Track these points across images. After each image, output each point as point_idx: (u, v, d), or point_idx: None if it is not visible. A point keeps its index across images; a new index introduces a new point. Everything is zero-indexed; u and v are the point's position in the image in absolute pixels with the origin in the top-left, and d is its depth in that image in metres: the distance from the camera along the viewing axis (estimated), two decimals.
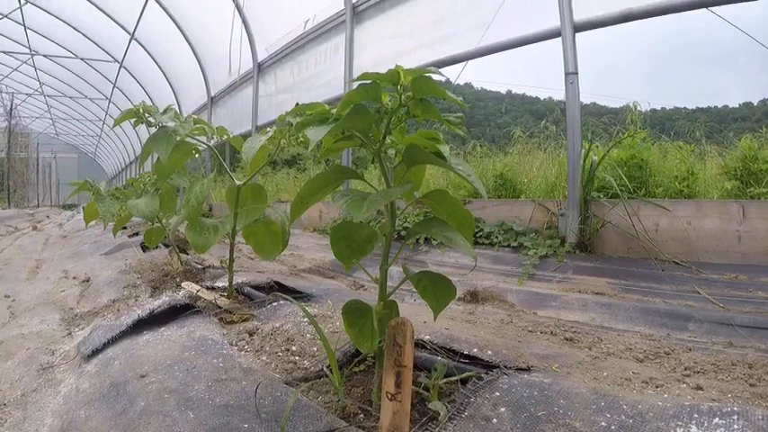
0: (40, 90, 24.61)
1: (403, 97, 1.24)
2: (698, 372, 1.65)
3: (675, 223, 3.60)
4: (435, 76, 1.21)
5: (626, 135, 4.41)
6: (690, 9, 3.74)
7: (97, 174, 36.30)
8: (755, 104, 27.82)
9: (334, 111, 1.31)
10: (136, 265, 3.86)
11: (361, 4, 6.88)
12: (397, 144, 1.39)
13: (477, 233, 4.50)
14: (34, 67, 20.68)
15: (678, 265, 3.42)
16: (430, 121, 1.35)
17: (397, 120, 1.30)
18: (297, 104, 1.50)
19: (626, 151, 4.26)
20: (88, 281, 3.79)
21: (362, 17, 6.94)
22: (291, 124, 1.64)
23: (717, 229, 3.44)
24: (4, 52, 18.42)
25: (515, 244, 4.25)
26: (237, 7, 9.43)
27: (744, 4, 3.48)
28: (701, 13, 3.68)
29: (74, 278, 4.03)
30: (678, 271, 3.33)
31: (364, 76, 1.20)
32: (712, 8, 3.62)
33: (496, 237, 4.40)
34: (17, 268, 4.88)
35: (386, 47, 6.58)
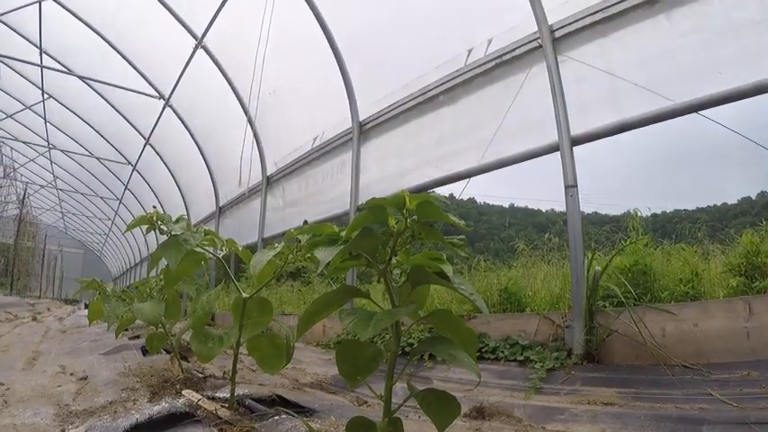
0: (53, 183, 25.14)
1: (408, 221, 1.30)
2: None
3: (682, 326, 3.55)
4: (438, 201, 1.28)
5: (628, 242, 4.46)
6: (680, 115, 3.91)
7: (101, 272, 36.40)
8: (754, 198, 28.18)
9: (342, 232, 1.37)
10: (136, 369, 3.79)
11: (368, 123, 7.19)
12: (402, 264, 1.43)
13: (482, 348, 4.44)
14: (50, 160, 21.19)
15: (688, 368, 3.33)
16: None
17: (403, 242, 1.35)
18: (305, 222, 1.57)
19: (629, 258, 4.29)
20: (86, 379, 3.70)
21: (369, 135, 7.25)
22: (299, 241, 1.69)
23: (724, 328, 3.38)
24: (23, 142, 19.00)
25: (521, 358, 4.18)
26: (249, 121, 9.86)
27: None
28: (692, 116, 3.86)
29: (71, 374, 3.93)
30: (688, 374, 3.25)
31: (372, 201, 1.27)
32: (701, 112, 3.80)
33: (502, 351, 4.34)
34: (14, 357, 4.79)
35: (391, 165, 6.81)
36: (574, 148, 4.36)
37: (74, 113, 15.43)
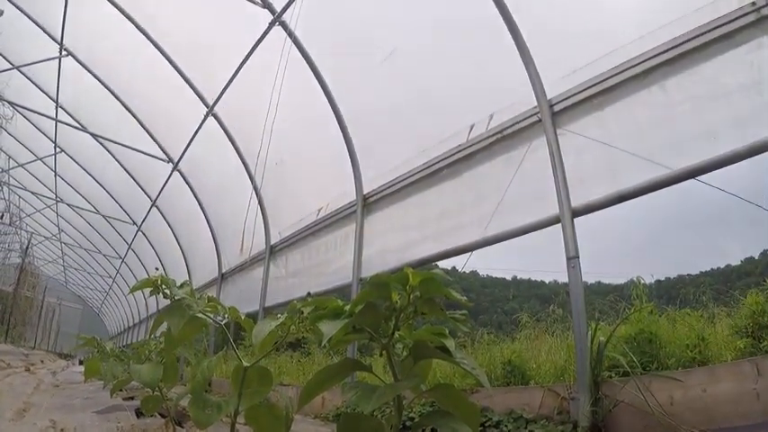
0: (57, 236, 25.26)
1: (411, 297, 1.32)
2: None
3: (690, 393, 3.47)
4: (440, 277, 1.30)
5: (633, 311, 4.42)
6: (677, 182, 3.97)
7: (99, 329, 35.93)
8: (757, 258, 27.84)
9: (346, 307, 1.38)
10: (129, 430, 3.71)
11: (372, 196, 7.29)
12: (404, 338, 1.44)
13: (485, 422, 4.32)
14: (57, 212, 21.33)
15: None
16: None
17: (405, 317, 1.36)
18: (308, 294, 1.58)
19: (634, 326, 4.24)
20: None
21: (372, 208, 7.34)
22: (302, 313, 1.70)
23: (733, 392, 3.30)
24: (32, 192, 19.18)
25: None
26: (255, 189, 9.95)
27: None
28: (690, 181, 3.91)
29: (61, 430, 3.84)
30: None
31: (376, 278, 1.29)
32: (699, 177, 3.84)
33: (506, 426, 4.22)
34: (3, 407, 4.66)
35: (394, 238, 6.86)
36: (575, 220, 4.40)
37: (84, 169, 15.62)
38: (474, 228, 5.53)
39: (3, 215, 22.02)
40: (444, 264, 6.31)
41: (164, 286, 2.43)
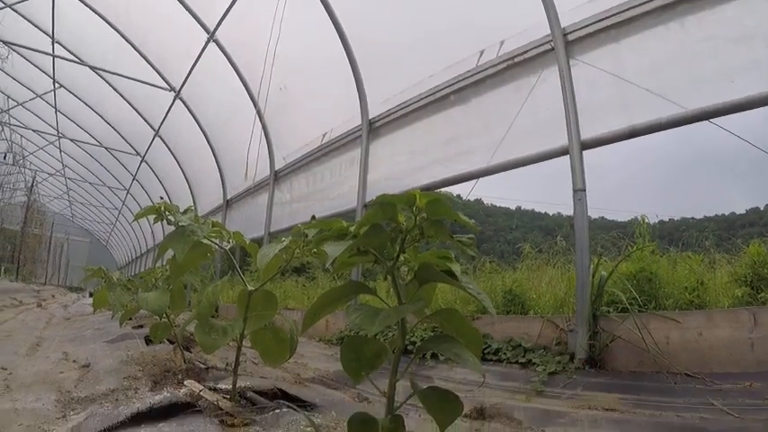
0: (62, 172, 25.29)
1: (418, 218, 1.30)
2: None
3: (686, 335, 3.53)
4: (448, 200, 1.28)
5: (635, 248, 4.43)
6: (691, 122, 3.90)
7: (107, 261, 36.51)
8: (762, 209, 27.77)
9: (351, 228, 1.36)
10: (138, 358, 3.80)
11: (377, 121, 7.19)
12: (410, 262, 1.43)
13: (485, 349, 4.42)
14: (59, 148, 21.30)
15: (690, 377, 3.31)
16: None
17: (411, 239, 1.35)
18: (313, 217, 1.56)
19: (635, 265, 4.26)
20: (88, 366, 3.72)
21: (378, 133, 7.24)
22: (306, 236, 1.69)
23: (728, 338, 3.35)
24: (33, 130, 19.14)
25: (524, 360, 4.17)
26: (259, 114, 9.88)
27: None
28: (703, 125, 3.85)
29: (74, 361, 3.95)
30: (691, 383, 3.23)
31: (382, 197, 1.27)
32: (713, 120, 3.78)
33: (504, 353, 4.33)
34: (17, 343, 4.82)
35: (400, 162, 6.82)
36: (583, 152, 4.35)
37: (84, 103, 15.49)
38: (481, 155, 5.48)
39: (5, 155, 21.99)
40: (450, 191, 6.29)
41: (167, 213, 2.43)
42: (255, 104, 9.85)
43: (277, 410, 2.34)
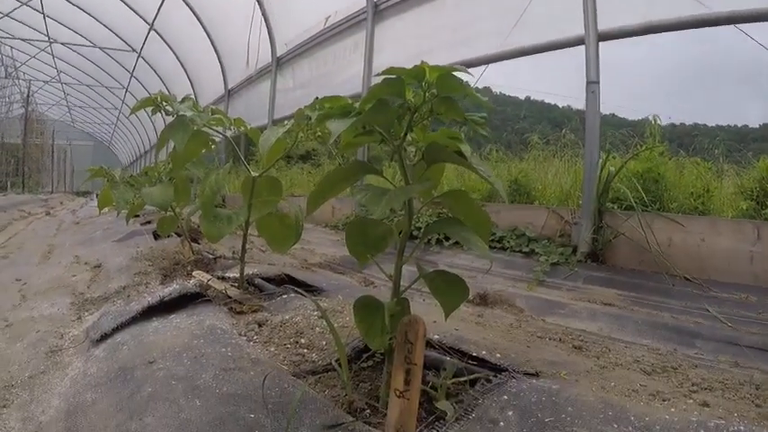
0: (57, 78, 24.84)
1: (427, 94, 1.23)
2: (705, 388, 1.62)
3: (689, 239, 3.56)
4: (461, 75, 1.21)
5: (644, 148, 4.36)
6: (714, 25, 3.72)
7: (112, 162, 36.48)
8: None
9: (356, 105, 1.30)
10: (147, 253, 3.87)
11: (383, 3, 6.88)
12: (417, 142, 1.38)
13: (490, 237, 4.47)
14: (52, 54, 20.84)
15: (689, 281, 3.38)
16: (451, 121, 1.34)
17: (420, 117, 1.28)
18: (317, 98, 1.49)
19: (643, 164, 4.21)
20: (99, 266, 3.80)
21: (384, 15, 6.94)
22: (310, 118, 1.63)
23: (730, 249, 3.39)
24: (22, 39, 18.57)
25: (527, 250, 4.24)
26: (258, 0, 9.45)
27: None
28: (729, 33, 3.66)
29: (85, 264, 4.04)
30: (688, 287, 3.30)
31: (390, 70, 1.19)
32: (740, 25, 3.58)
33: (509, 241, 4.39)
34: (29, 252, 4.91)
35: (406, 47, 6.58)
36: (600, 44, 4.16)
37: (72, 3, 14.88)
38: (492, 39, 5.28)
39: None
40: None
41: (164, 103, 2.35)
42: None
43: (284, 296, 2.40)
